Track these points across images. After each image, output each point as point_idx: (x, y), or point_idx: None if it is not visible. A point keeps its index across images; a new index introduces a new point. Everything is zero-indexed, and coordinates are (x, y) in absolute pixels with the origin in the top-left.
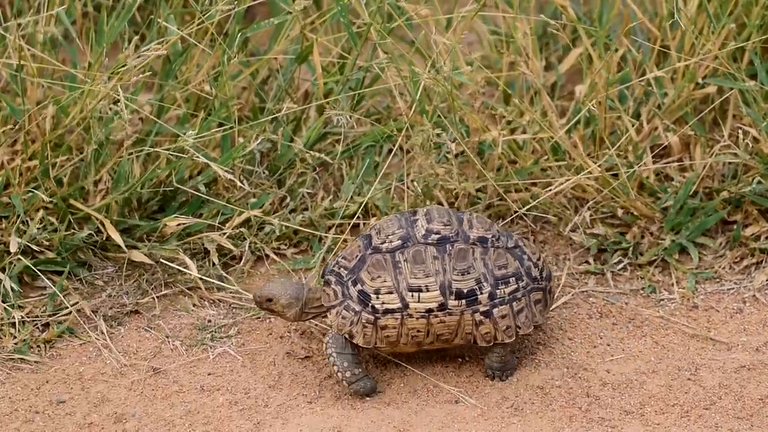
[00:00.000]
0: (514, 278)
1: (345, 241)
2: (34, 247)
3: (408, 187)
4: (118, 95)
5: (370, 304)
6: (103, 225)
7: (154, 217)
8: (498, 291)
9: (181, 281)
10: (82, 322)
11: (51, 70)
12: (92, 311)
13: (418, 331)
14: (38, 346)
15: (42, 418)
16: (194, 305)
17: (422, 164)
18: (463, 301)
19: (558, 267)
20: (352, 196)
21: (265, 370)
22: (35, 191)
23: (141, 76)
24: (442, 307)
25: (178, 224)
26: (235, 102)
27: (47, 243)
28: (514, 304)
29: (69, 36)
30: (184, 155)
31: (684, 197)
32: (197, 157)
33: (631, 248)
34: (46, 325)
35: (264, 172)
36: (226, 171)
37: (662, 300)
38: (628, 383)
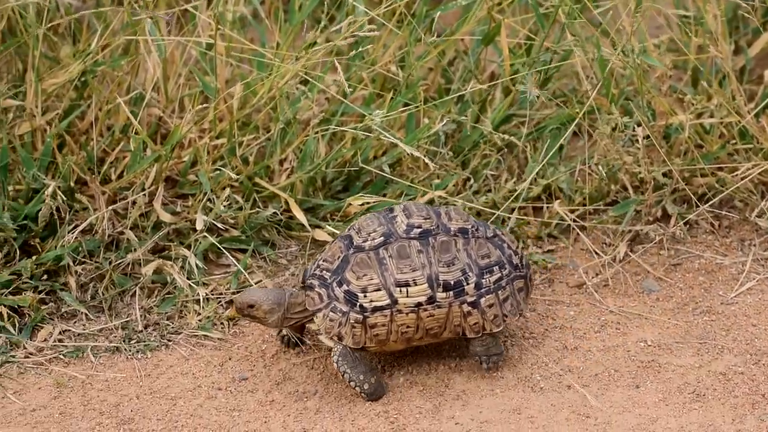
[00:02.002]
0: (497, 267)
1: (528, 224)
2: (220, 225)
3: (592, 171)
4: (306, 75)
5: (357, 304)
6: (288, 204)
7: (338, 196)
8: (483, 280)
9: None
10: None
11: (240, 50)
12: None
13: (408, 326)
14: (222, 324)
15: (224, 395)
16: None
17: (607, 147)
18: (451, 292)
19: (743, 252)
20: (535, 178)
21: (446, 351)
22: (222, 169)
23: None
24: (431, 300)
25: (362, 204)
26: (421, 83)
27: (232, 221)
28: (500, 292)
29: (258, 15)
30: (369, 135)
31: None
32: (384, 136)
33: None
34: (230, 303)
35: (448, 153)
36: (412, 149)
37: None
38: None
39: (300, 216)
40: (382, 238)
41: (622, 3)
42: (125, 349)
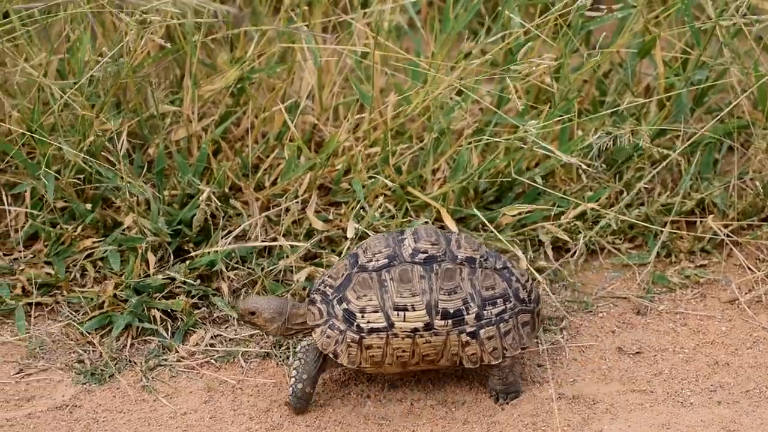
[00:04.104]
0: (501, 299)
1: (681, 238)
2: (371, 233)
3: (746, 185)
4: (461, 85)
5: (355, 323)
6: (440, 213)
7: (490, 207)
8: (485, 312)
9: None
10: None
11: (395, 59)
12: None
13: (404, 351)
14: None
15: (373, 403)
16: None
17: (763, 162)
18: (450, 321)
19: None
20: (689, 192)
21: (594, 364)
22: (376, 177)
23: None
24: (428, 326)
25: (514, 215)
26: (576, 95)
27: (384, 229)
28: (501, 325)
29: (414, 25)
30: (523, 146)
31: None
32: (538, 148)
33: None
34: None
35: (602, 166)
36: (569, 157)
37: None
38: None
39: (452, 225)
40: (386, 260)
41: None
42: (275, 355)
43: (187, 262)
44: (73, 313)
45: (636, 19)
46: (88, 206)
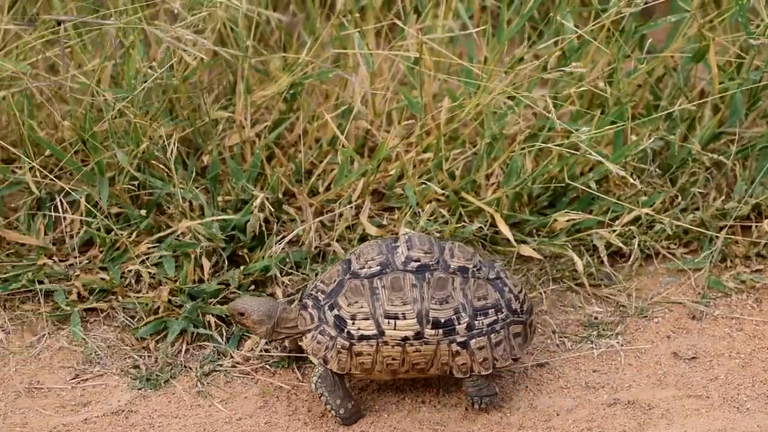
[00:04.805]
0: (493, 310)
1: (736, 242)
2: None
3: None
4: (513, 91)
5: (345, 330)
6: (493, 218)
7: (544, 212)
8: (476, 322)
9: (568, 277)
10: None
11: (447, 64)
12: None
13: (393, 359)
14: None
15: (428, 409)
16: (581, 301)
17: None
18: (440, 330)
19: None
20: (745, 198)
21: (650, 369)
22: (428, 183)
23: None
24: (419, 335)
25: (568, 220)
26: (630, 99)
27: (437, 235)
28: (493, 336)
29: (467, 30)
30: (576, 152)
31: None
32: (590, 153)
33: None
34: None
35: (656, 171)
36: (619, 168)
37: None
38: None
39: (505, 231)
40: (378, 267)
41: None
42: None
43: (242, 267)
44: (129, 318)
45: (690, 23)
46: (143, 212)
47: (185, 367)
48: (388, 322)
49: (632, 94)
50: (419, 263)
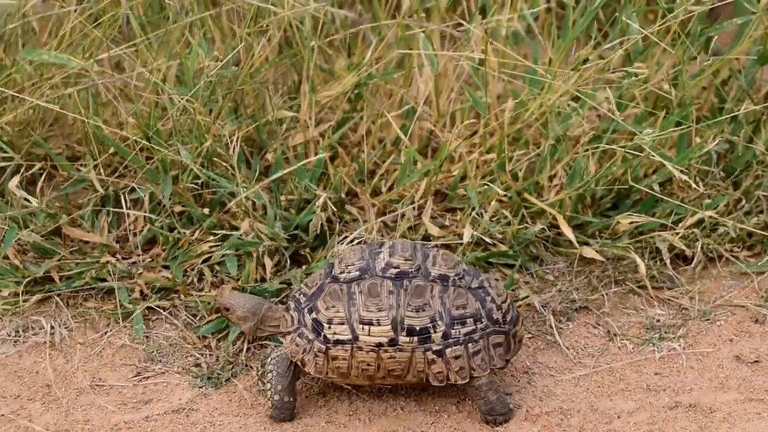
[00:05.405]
0: (472, 319)
1: None
2: (487, 240)
3: None
4: (578, 92)
5: (322, 334)
6: (556, 220)
7: (607, 214)
8: (453, 331)
9: (630, 279)
10: (531, 315)
11: (512, 65)
12: (541, 305)
13: (368, 364)
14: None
15: None
16: (643, 304)
17: None
18: (415, 338)
19: None
20: None
21: (712, 372)
22: (491, 184)
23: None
24: (393, 342)
25: (631, 222)
26: (695, 101)
27: (500, 236)
28: (470, 345)
29: (531, 31)
30: (640, 153)
31: None
32: (653, 155)
33: None
34: None
35: (720, 173)
36: (681, 171)
37: None
38: None
39: (568, 232)
40: (358, 272)
41: None
42: None
43: (304, 267)
44: (190, 317)
45: (756, 25)
46: (206, 211)
47: (246, 365)
48: (363, 328)
49: (697, 96)
50: (398, 270)
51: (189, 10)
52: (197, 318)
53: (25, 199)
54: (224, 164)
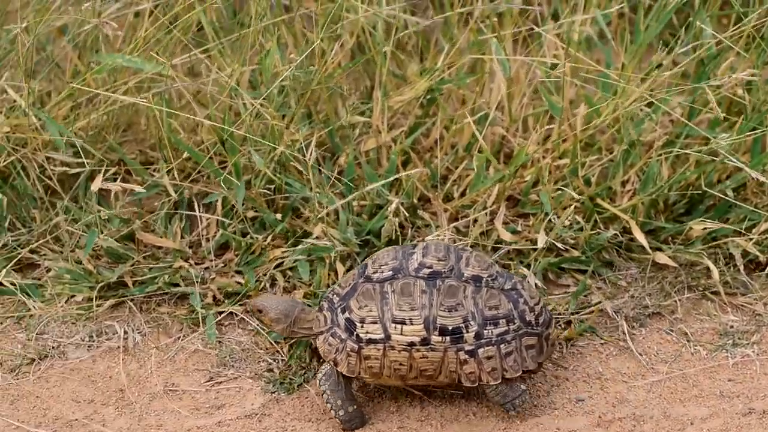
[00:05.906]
0: (504, 320)
1: None
2: (560, 245)
3: None
4: (651, 97)
5: (355, 333)
6: (629, 225)
7: (680, 219)
8: (485, 331)
9: (704, 285)
10: (603, 321)
11: (585, 70)
12: (614, 311)
13: (401, 364)
14: (559, 344)
15: (560, 414)
16: (716, 310)
17: None
18: (448, 337)
19: None
20: None
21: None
22: (564, 189)
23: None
24: (425, 341)
25: (704, 228)
26: None
27: (572, 241)
28: (503, 346)
29: (604, 36)
30: (714, 158)
31: None
32: (730, 159)
33: None
34: (568, 323)
35: None
36: (759, 174)
37: None
38: None
39: (641, 238)
40: (391, 272)
41: None
42: None
43: None
44: None
45: None
46: (278, 216)
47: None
48: (395, 327)
49: None
50: (431, 270)
51: (262, 15)
52: None
53: (99, 204)
54: (297, 169)
